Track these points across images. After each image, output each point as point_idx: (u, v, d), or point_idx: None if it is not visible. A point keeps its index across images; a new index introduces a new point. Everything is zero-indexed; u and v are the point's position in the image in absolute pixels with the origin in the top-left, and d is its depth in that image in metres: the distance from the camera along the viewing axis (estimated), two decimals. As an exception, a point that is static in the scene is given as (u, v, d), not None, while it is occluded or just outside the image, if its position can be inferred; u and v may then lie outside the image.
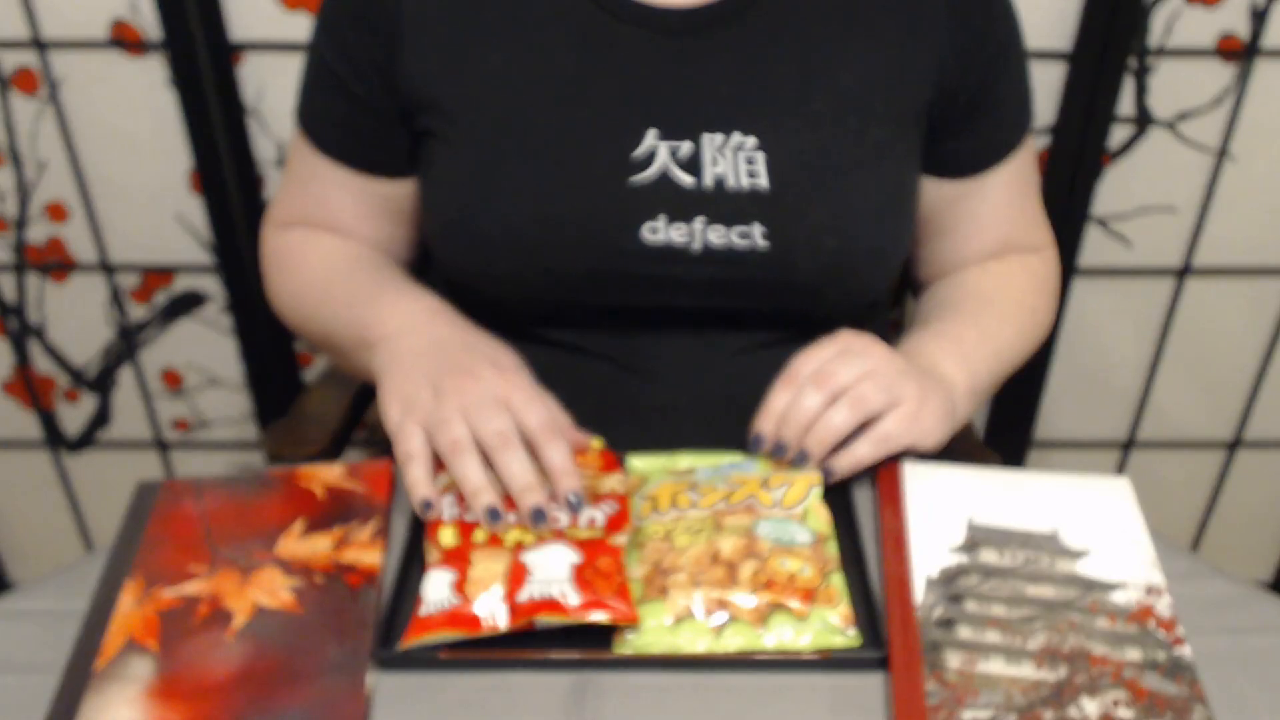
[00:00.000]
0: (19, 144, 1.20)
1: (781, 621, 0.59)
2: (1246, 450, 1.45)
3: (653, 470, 0.70)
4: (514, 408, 0.65)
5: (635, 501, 0.66)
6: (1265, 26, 1.14)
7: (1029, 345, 0.83)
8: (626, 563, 0.62)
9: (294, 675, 0.57)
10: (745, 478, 0.67)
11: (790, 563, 0.61)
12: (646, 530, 0.64)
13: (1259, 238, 1.27)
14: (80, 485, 1.49)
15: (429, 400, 0.66)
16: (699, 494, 0.66)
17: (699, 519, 0.64)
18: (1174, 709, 0.56)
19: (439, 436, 0.65)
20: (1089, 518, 0.68)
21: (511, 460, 0.64)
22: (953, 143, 0.77)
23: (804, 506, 0.65)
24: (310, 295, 0.82)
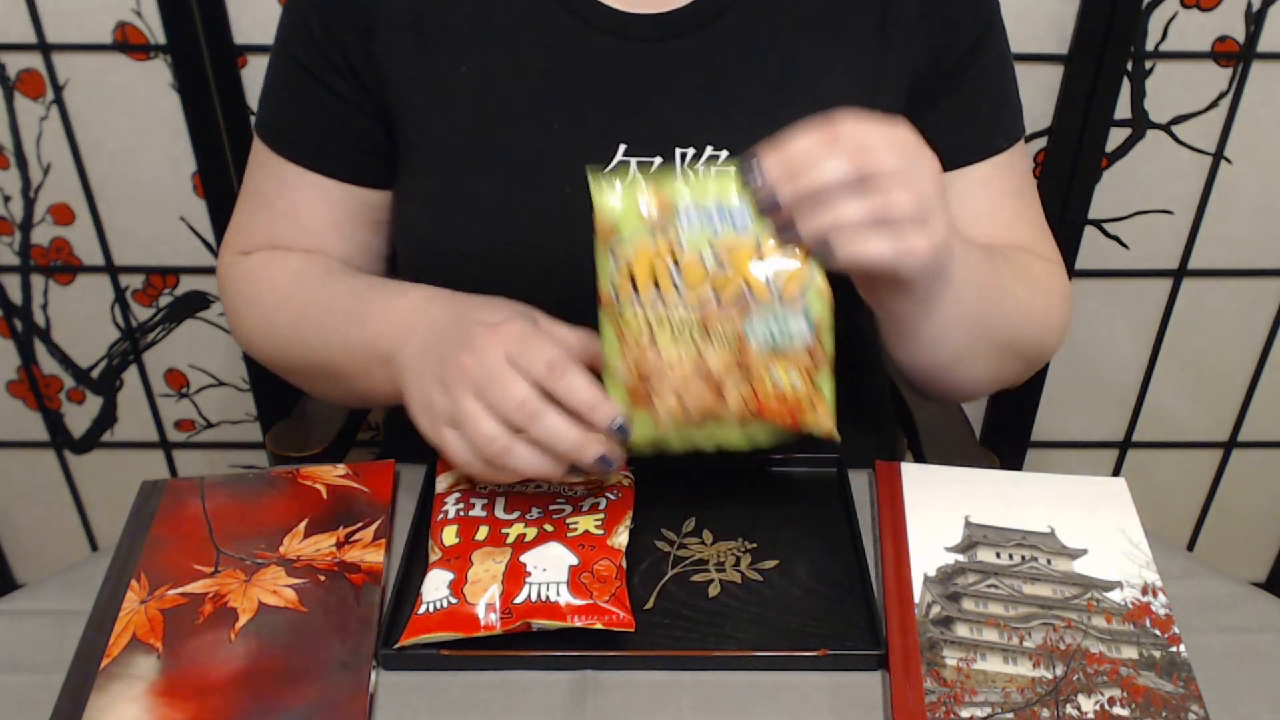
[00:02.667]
0: (24, 146, 1.20)
1: (763, 427, 0.60)
2: (1242, 450, 1.45)
3: (627, 216, 0.59)
4: (517, 362, 0.59)
5: (606, 257, 0.59)
6: (1261, 30, 1.14)
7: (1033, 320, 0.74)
8: (605, 347, 0.59)
9: (297, 673, 0.58)
10: (735, 243, 0.58)
11: (780, 374, 0.58)
12: (627, 320, 0.58)
13: (1255, 239, 1.28)
14: (85, 485, 1.49)
15: (442, 398, 0.61)
16: (681, 274, 0.58)
17: (683, 321, 0.58)
18: (1170, 707, 0.56)
19: (471, 440, 0.60)
20: (1086, 517, 0.68)
21: (546, 428, 0.58)
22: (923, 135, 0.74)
23: (803, 285, 0.58)
24: (285, 321, 0.76)
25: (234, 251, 0.82)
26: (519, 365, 0.59)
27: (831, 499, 0.71)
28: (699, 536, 0.68)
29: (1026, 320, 0.74)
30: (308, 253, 0.79)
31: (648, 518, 0.69)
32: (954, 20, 0.72)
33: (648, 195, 0.58)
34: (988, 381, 0.76)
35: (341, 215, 0.78)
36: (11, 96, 1.17)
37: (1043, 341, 0.77)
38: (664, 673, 0.59)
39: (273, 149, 0.77)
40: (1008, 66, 0.77)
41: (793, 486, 0.73)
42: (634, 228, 0.58)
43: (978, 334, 0.70)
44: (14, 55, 1.15)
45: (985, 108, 0.75)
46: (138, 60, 1.15)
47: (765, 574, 0.65)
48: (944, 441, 0.93)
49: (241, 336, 0.81)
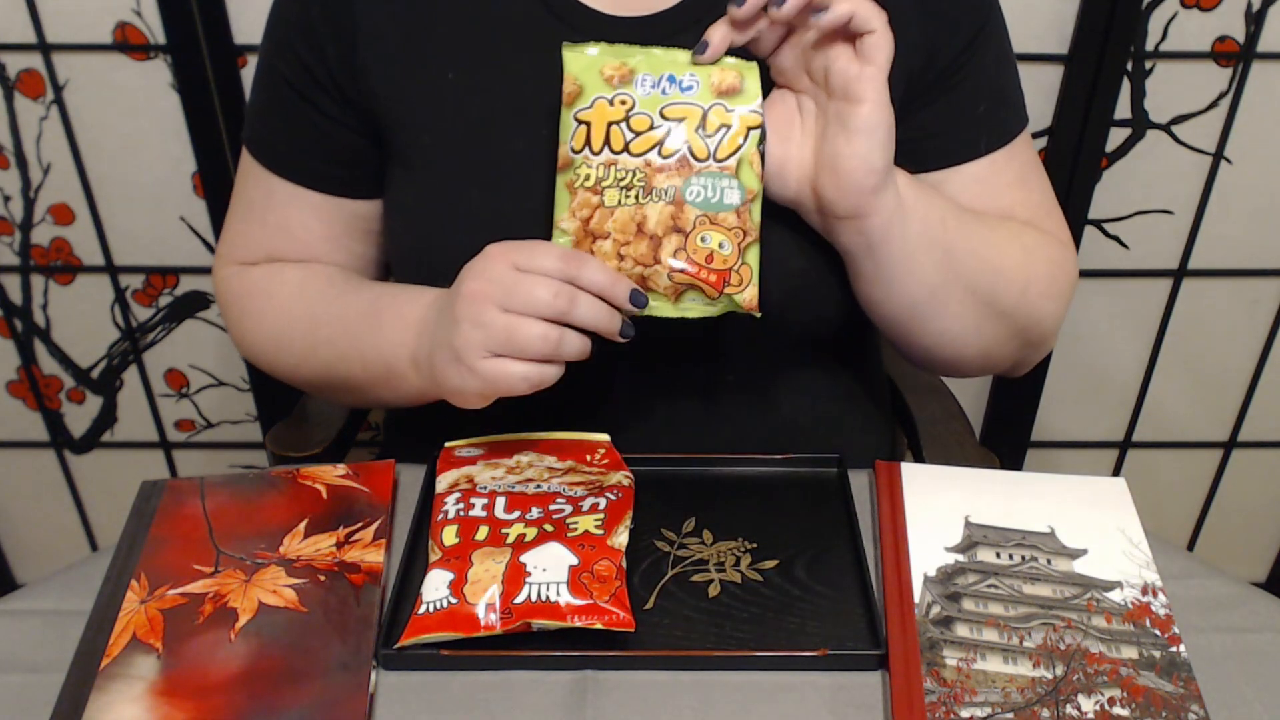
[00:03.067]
0: (24, 146, 1.21)
1: (694, 298, 0.65)
2: (1242, 450, 1.46)
3: (590, 78, 0.65)
4: (527, 266, 0.62)
5: (570, 120, 0.64)
6: (1261, 30, 1.14)
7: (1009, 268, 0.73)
8: (557, 209, 0.65)
9: (297, 673, 0.58)
10: (685, 109, 0.64)
11: (712, 237, 0.63)
12: (579, 172, 0.64)
13: (1255, 239, 1.28)
14: (85, 485, 1.49)
15: (471, 332, 0.62)
16: (633, 131, 0.64)
17: (630, 170, 0.64)
18: (1170, 707, 0.56)
19: (524, 346, 0.61)
20: (1086, 517, 0.68)
21: (584, 309, 0.62)
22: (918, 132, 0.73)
23: (739, 156, 0.64)
24: (295, 340, 0.77)
25: (230, 263, 0.81)
26: (531, 268, 0.62)
27: (831, 499, 0.71)
28: (699, 536, 0.68)
29: (1001, 262, 0.72)
30: (305, 264, 0.79)
31: (648, 518, 0.69)
32: (950, 17, 0.72)
33: (611, 61, 0.64)
34: (972, 338, 0.74)
35: (332, 229, 0.78)
36: (11, 96, 1.17)
37: (1027, 303, 0.74)
38: (664, 673, 0.59)
39: (260, 163, 0.77)
40: (1007, 62, 0.76)
41: (793, 486, 0.73)
42: (595, 89, 0.64)
43: (949, 268, 0.70)
44: (14, 55, 1.15)
45: (983, 105, 0.75)
46: (138, 60, 1.15)
47: (765, 574, 0.65)
48: (944, 441, 0.93)
49: (246, 351, 0.82)
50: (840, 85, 0.63)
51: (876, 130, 0.63)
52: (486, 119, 0.71)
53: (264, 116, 0.77)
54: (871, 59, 0.62)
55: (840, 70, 0.63)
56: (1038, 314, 0.75)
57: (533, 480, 0.70)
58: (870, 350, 0.89)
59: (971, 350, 0.75)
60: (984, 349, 0.75)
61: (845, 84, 0.63)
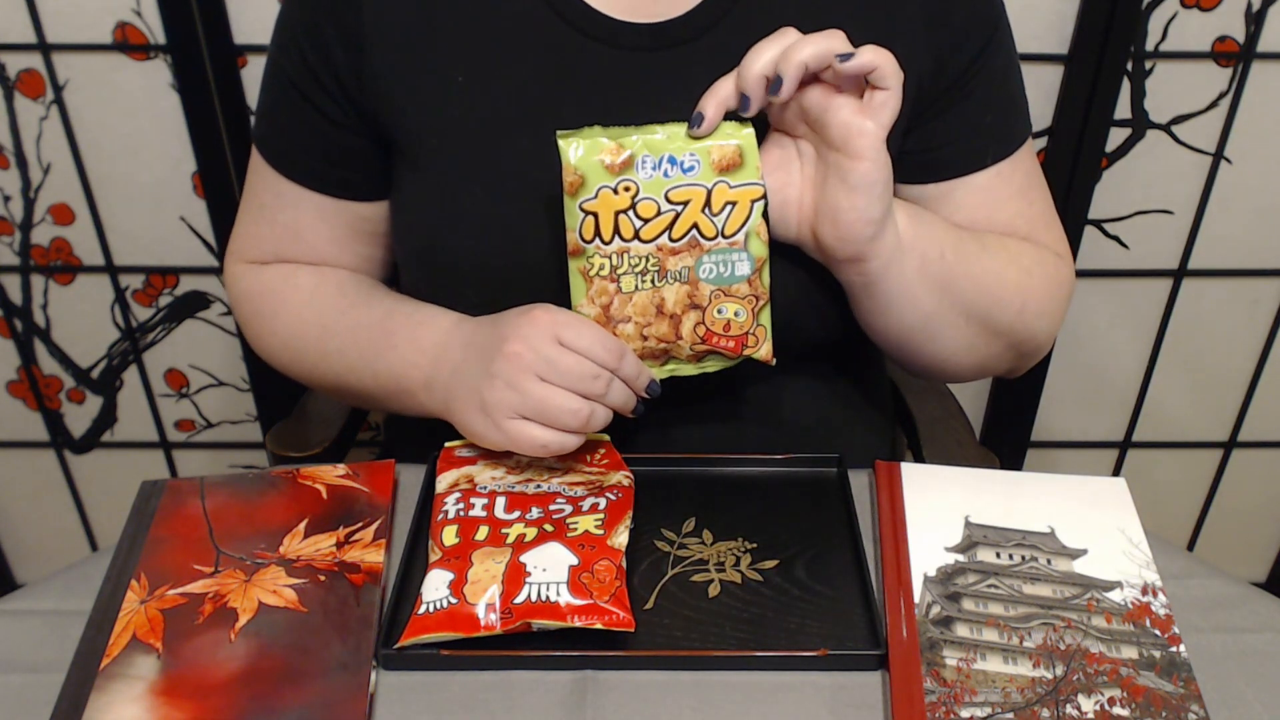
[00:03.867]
0: (24, 146, 1.21)
1: (713, 359, 0.70)
2: (1242, 450, 1.46)
3: (591, 169, 0.65)
4: (572, 344, 0.64)
5: (575, 210, 0.65)
6: (1261, 29, 1.14)
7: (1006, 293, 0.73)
8: (574, 295, 0.67)
9: (297, 673, 0.58)
10: (689, 191, 0.65)
11: (728, 308, 0.67)
12: (592, 262, 0.66)
13: (1255, 239, 1.28)
14: (85, 485, 1.49)
15: (505, 393, 0.65)
16: (640, 218, 0.65)
17: (643, 256, 0.66)
18: (1170, 707, 0.57)
19: (556, 417, 0.64)
20: (1086, 517, 0.68)
21: (615, 394, 0.66)
22: (925, 144, 0.74)
23: (746, 230, 0.66)
24: (308, 346, 0.78)
25: (241, 261, 0.82)
26: (574, 346, 0.64)
27: (831, 499, 0.71)
28: (699, 536, 0.68)
29: (998, 288, 0.73)
30: (317, 267, 0.79)
31: (648, 518, 0.69)
32: (959, 28, 0.72)
33: (609, 149, 0.64)
34: (966, 356, 0.75)
35: (340, 231, 0.79)
36: (11, 96, 1.17)
37: (1023, 322, 0.75)
38: (664, 673, 0.59)
39: (269, 164, 0.77)
40: (1014, 70, 0.76)
41: (793, 486, 0.73)
42: (597, 179, 0.65)
43: (946, 297, 0.71)
44: (14, 55, 1.15)
45: (990, 115, 0.75)
46: (138, 60, 1.15)
47: (765, 574, 0.65)
48: (944, 441, 0.93)
49: (260, 350, 0.82)
50: (840, 138, 0.63)
51: (874, 186, 0.64)
52: (494, 121, 0.71)
53: (271, 118, 0.77)
54: (876, 115, 0.63)
55: (842, 123, 0.63)
56: (1033, 330, 0.77)
57: (533, 480, 0.70)
58: (871, 352, 0.89)
59: (967, 365, 0.77)
60: (979, 363, 0.77)
61: (846, 138, 0.63)
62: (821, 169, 0.66)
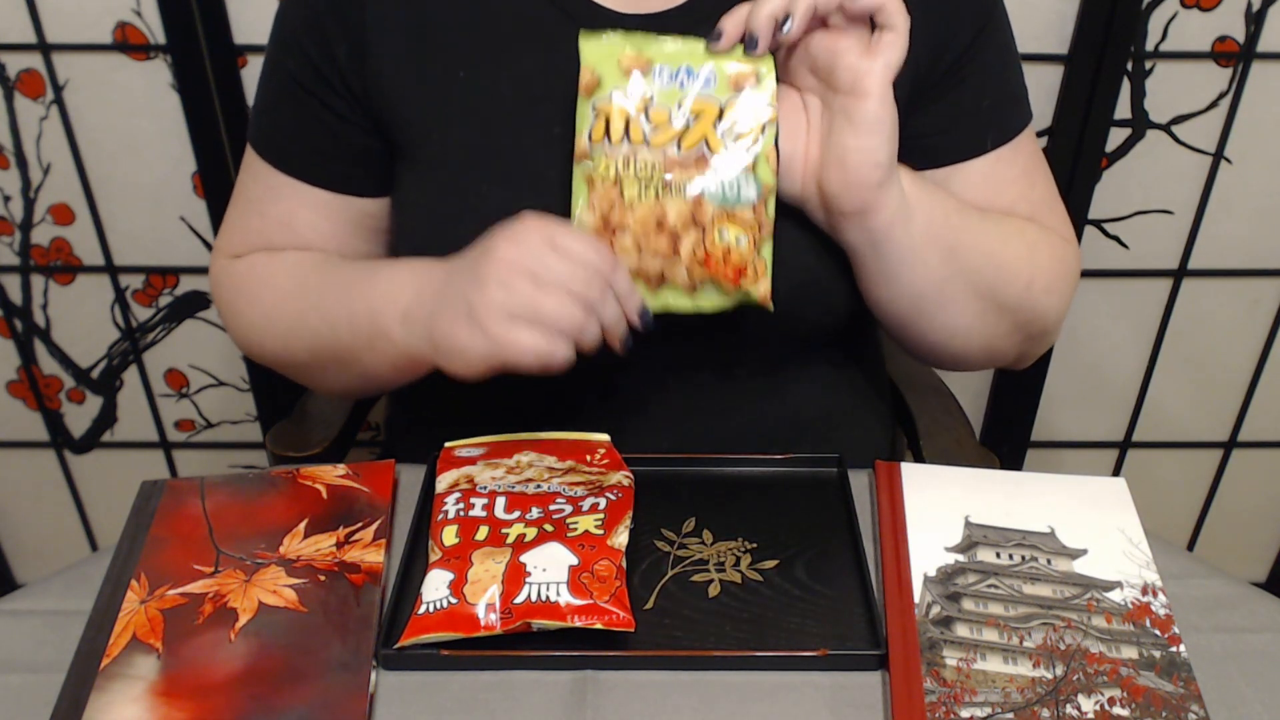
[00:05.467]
0: (24, 146, 1.21)
1: (709, 291, 0.66)
2: (1242, 450, 1.46)
3: (608, 69, 0.64)
4: (561, 247, 0.61)
5: (587, 111, 0.64)
6: (1261, 29, 1.14)
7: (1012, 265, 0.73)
8: (575, 200, 0.65)
9: (297, 673, 0.58)
10: (703, 103, 0.64)
11: (729, 232, 0.64)
12: (597, 164, 0.64)
13: (1255, 239, 1.28)
14: (85, 485, 1.49)
15: (496, 293, 0.60)
16: (651, 124, 0.64)
17: (649, 163, 0.64)
18: (1170, 707, 0.57)
19: (556, 321, 0.60)
20: (1086, 517, 0.68)
21: (608, 308, 0.62)
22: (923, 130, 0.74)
23: (756, 152, 0.64)
24: (286, 312, 0.76)
25: (226, 256, 0.81)
26: (568, 251, 0.61)
27: (831, 499, 0.71)
28: (699, 536, 0.68)
29: (1004, 259, 0.72)
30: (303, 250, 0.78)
31: (648, 518, 0.69)
32: (955, 13, 0.72)
33: (628, 51, 0.64)
34: (976, 334, 0.74)
35: (338, 227, 0.78)
36: (11, 96, 1.17)
37: (1030, 298, 0.74)
38: (664, 673, 0.59)
39: (267, 161, 0.77)
40: (1011, 57, 0.76)
41: (793, 486, 0.73)
42: (613, 80, 0.64)
43: (953, 264, 0.70)
44: (14, 55, 1.15)
45: (987, 101, 0.75)
46: (138, 60, 1.15)
47: (765, 574, 0.65)
48: (944, 441, 0.93)
49: (240, 337, 0.81)
50: (848, 80, 0.64)
51: (882, 125, 0.64)
52: (497, 116, 0.71)
53: (271, 115, 0.77)
54: (883, 54, 0.63)
55: (849, 65, 0.64)
56: (1041, 308, 0.75)
57: (533, 480, 0.70)
58: (872, 350, 0.89)
59: (975, 345, 0.75)
60: (987, 343, 0.75)
61: (854, 79, 0.64)
62: (828, 116, 0.66)
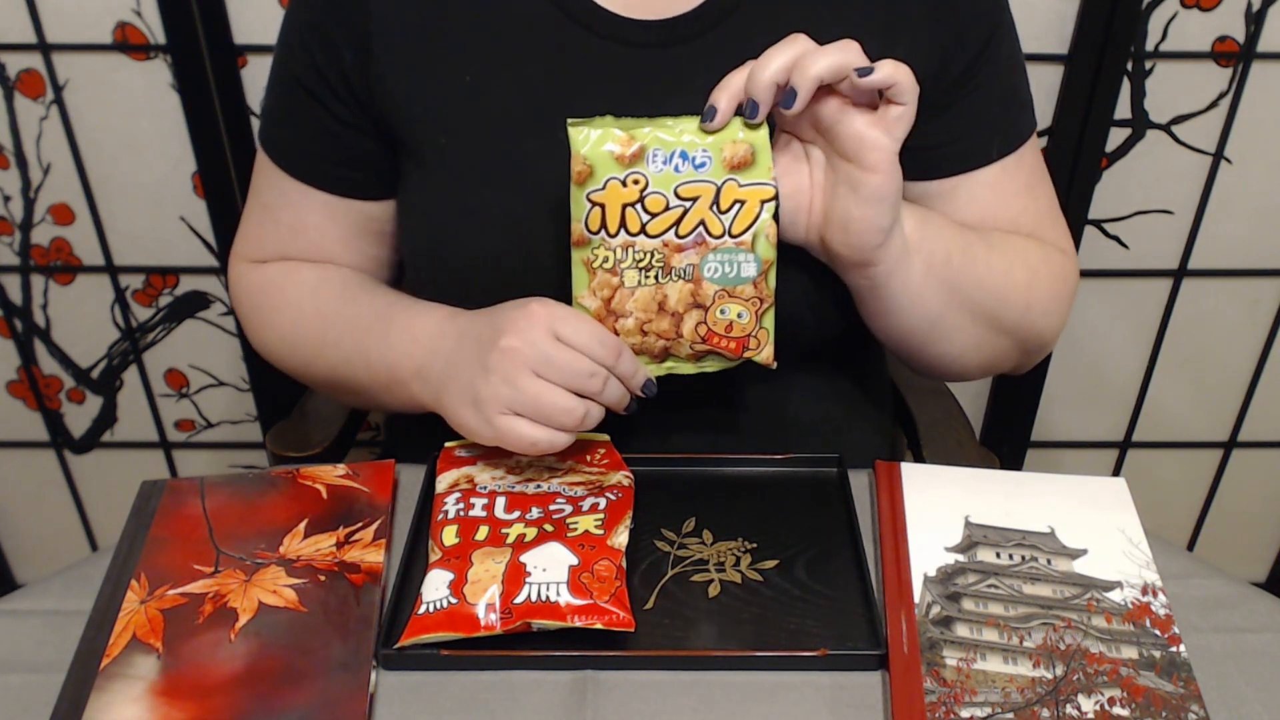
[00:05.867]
0: (24, 146, 1.21)
1: (712, 359, 0.69)
2: (1242, 450, 1.46)
3: (600, 159, 0.64)
4: (565, 337, 0.63)
5: (582, 200, 0.64)
6: (1261, 29, 1.14)
7: (1012, 293, 0.74)
8: (575, 285, 0.66)
9: (297, 673, 0.58)
10: (699, 187, 0.64)
11: (731, 309, 0.66)
12: (596, 254, 0.65)
13: (1255, 239, 1.28)
14: (85, 485, 1.49)
15: (499, 387, 0.63)
16: (648, 212, 0.64)
17: (648, 251, 0.65)
18: (1170, 707, 0.57)
19: (549, 415, 0.63)
20: (1086, 517, 0.68)
21: (611, 392, 0.65)
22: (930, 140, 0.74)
23: (754, 230, 0.65)
24: (306, 338, 0.77)
25: (244, 260, 0.82)
26: (571, 342, 0.63)
27: (831, 499, 0.71)
28: (699, 536, 0.68)
29: (1004, 289, 0.73)
30: (319, 264, 0.79)
31: (648, 518, 0.69)
32: (962, 24, 0.72)
33: (620, 140, 0.63)
34: (973, 355, 0.75)
35: (346, 230, 0.79)
36: (11, 96, 1.17)
37: (1029, 320, 0.75)
38: (664, 673, 0.59)
39: (275, 164, 0.77)
40: (1017, 64, 0.76)
41: (793, 486, 0.73)
42: (606, 170, 0.64)
43: (952, 299, 0.71)
44: (14, 55, 1.15)
45: (994, 111, 0.75)
46: (138, 60, 1.15)
47: (765, 574, 0.65)
48: (944, 441, 0.93)
49: (260, 347, 0.82)
50: (854, 150, 0.63)
51: (886, 199, 0.64)
52: (502, 120, 0.71)
53: (277, 118, 0.77)
54: (891, 130, 0.62)
55: (855, 135, 0.63)
56: (1039, 328, 0.77)
57: (533, 480, 0.70)
58: (872, 352, 0.89)
59: (973, 364, 0.77)
60: (985, 361, 0.77)
61: (859, 151, 0.63)
62: (832, 176, 0.66)
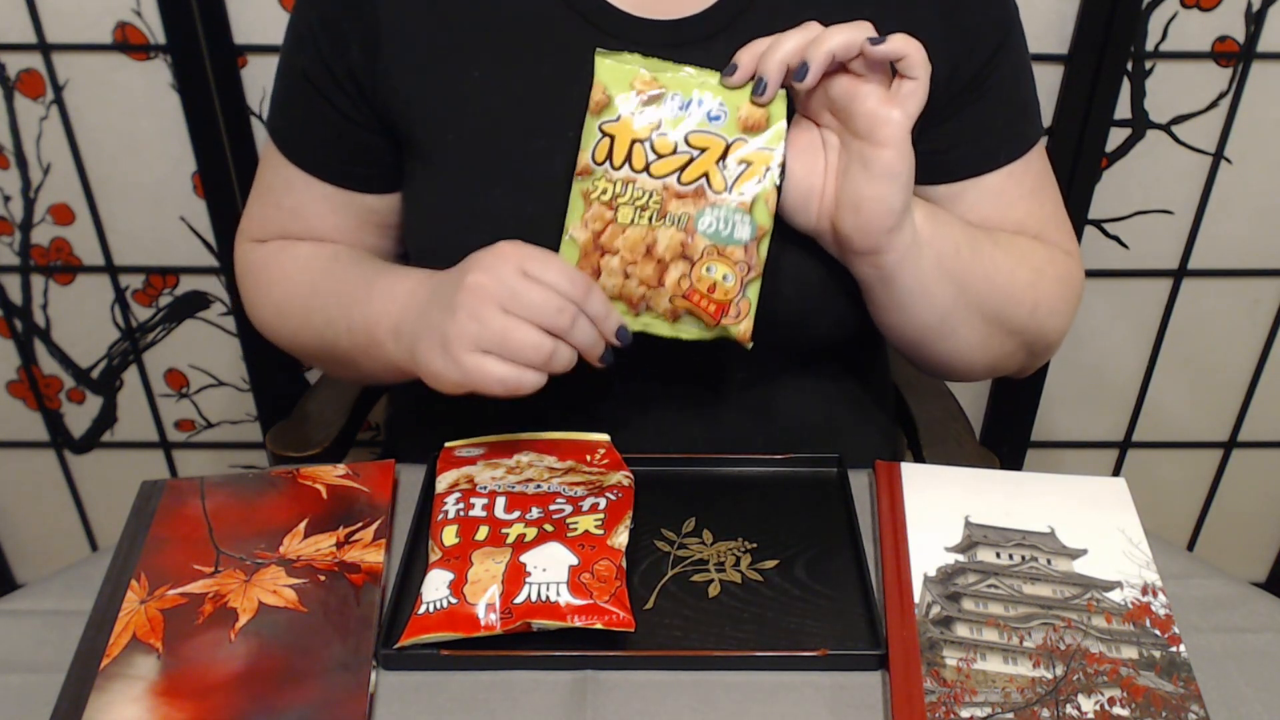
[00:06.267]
0: (24, 146, 1.21)
1: (690, 321, 0.66)
2: (1242, 450, 1.46)
3: (621, 91, 0.64)
4: (538, 276, 0.62)
5: (594, 129, 0.64)
6: (1261, 29, 1.14)
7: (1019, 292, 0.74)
8: (570, 215, 0.65)
9: (297, 673, 0.58)
10: (709, 139, 0.64)
11: (717, 269, 0.64)
12: (597, 184, 0.64)
13: (1254, 239, 1.28)
14: (85, 485, 1.49)
15: (467, 323, 0.62)
16: (655, 152, 0.64)
17: (647, 191, 0.64)
18: (1170, 707, 0.57)
19: (518, 350, 0.61)
20: (1086, 517, 0.68)
21: (580, 330, 0.63)
22: (939, 145, 0.74)
23: (756, 193, 0.64)
24: (295, 307, 0.78)
25: (248, 239, 0.83)
26: (540, 278, 0.62)
27: (831, 499, 0.71)
28: (699, 536, 0.68)
29: (1012, 287, 0.73)
30: (318, 240, 0.80)
31: (648, 518, 0.69)
32: (973, 31, 0.72)
33: (642, 78, 0.64)
34: (980, 354, 0.76)
35: (347, 221, 0.79)
36: (11, 96, 1.17)
37: (1035, 321, 0.75)
38: (664, 673, 0.59)
39: (281, 152, 0.78)
40: (1026, 72, 0.76)
41: (793, 486, 0.73)
42: (623, 102, 0.64)
43: (960, 295, 0.71)
44: (14, 55, 1.15)
45: (1003, 116, 0.75)
46: (138, 60, 1.15)
47: (765, 574, 0.65)
48: (944, 441, 0.93)
49: (256, 321, 0.83)
50: (866, 127, 0.63)
51: (898, 175, 0.64)
52: (509, 118, 0.71)
53: (284, 109, 0.78)
54: (903, 105, 0.63)
55: (868, 111, 0.63)
56: (1046, 329, 0.77)
57: (533, 480, 0.70)
58: (876, 354, 0.89)
59: (980, 363, 0.77)
60: (991, 362, 0.77)
61: (872, 126, 0.63)
62: (845, 158, 0.66)
